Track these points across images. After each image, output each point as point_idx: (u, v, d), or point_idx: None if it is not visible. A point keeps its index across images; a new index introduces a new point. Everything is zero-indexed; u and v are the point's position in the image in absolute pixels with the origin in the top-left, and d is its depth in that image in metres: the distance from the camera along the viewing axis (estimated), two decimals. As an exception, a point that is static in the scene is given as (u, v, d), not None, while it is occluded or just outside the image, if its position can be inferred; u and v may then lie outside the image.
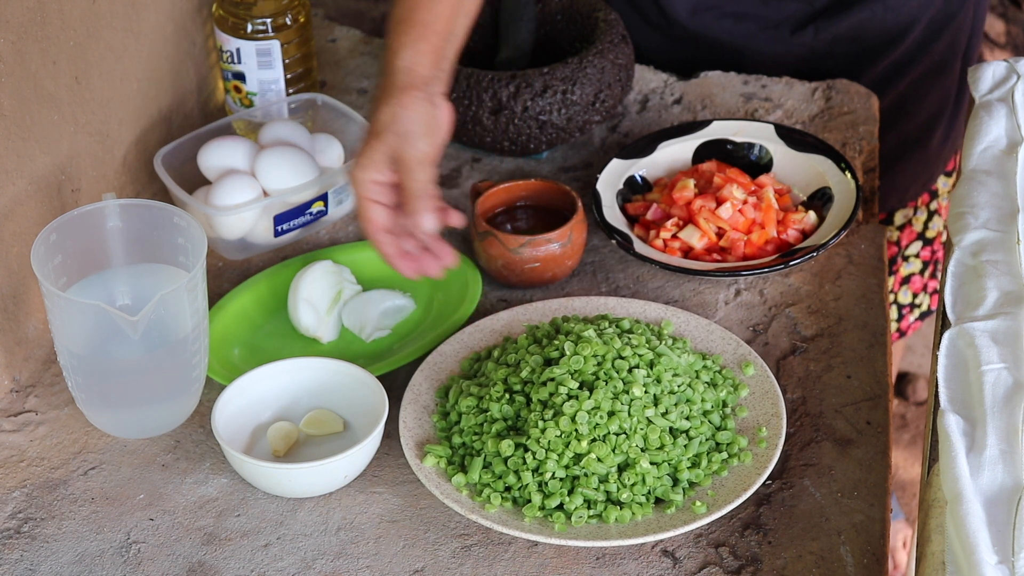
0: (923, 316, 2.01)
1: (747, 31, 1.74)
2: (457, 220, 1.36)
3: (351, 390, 1.34)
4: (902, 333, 2.01)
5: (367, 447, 1.28)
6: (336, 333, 1.47)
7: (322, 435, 1.34)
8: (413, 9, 1.37)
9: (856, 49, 1.75)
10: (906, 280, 1.95)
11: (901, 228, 1.91)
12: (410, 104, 1.33)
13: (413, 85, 1.33)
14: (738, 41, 1.75)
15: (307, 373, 1.35)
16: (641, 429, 1.25)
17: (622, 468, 1.24)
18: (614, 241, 1.49)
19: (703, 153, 1.62)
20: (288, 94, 1.67)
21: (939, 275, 1.86)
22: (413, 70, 1.34)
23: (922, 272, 1.96)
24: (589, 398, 1.25)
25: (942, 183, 1.91)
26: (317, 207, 1.55)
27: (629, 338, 1.32)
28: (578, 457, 1.24)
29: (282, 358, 1.36)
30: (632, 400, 1.26)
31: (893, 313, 1.97)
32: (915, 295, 1.97)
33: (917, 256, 1.94)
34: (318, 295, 1.45)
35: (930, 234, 1.93)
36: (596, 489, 1.23)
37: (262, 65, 1.64)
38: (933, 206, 1.91)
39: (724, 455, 1.27)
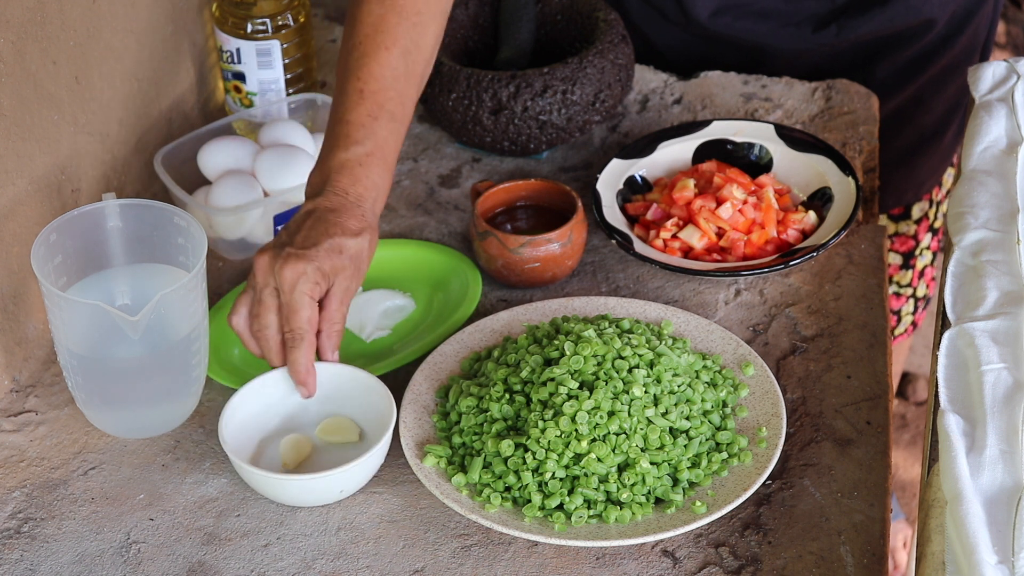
0: (927, 305, 2.01)
1: (768, 29, 1.74)
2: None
3: (361, 397, 1.32)
4: (915, 325, 2.01)
5: (368, 460, 1.26)
6: (336, 333, 1.46)
7: (338, 443, 1.32)
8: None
9: (877, 46, 1.75)
10: (922, 273, 1.95)
11: (918, 222, 1.90)
12: (374, 243, 1.33)
13: (375, 223, 1.34)
14: (759, 39, 1.74)
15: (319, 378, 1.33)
16: (641, 429, 1.25)
17: (622, 468, 1.24)
18: (614, 241, 1.49)
19: (703, 153, 1.62)
20: (288, 94, 1.67)
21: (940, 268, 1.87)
22: (380, 204, 1.35)
23: (932, 263, 1.96)
24: (589, 398, 1.24)
25: (947, 174, 1.91)
26: (317, 207, 1.55)
27: (629, 338, 1.32)
28: (578, 457, 1.24)
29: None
30: (632, 400, 1.26)
31: (910, 307, 1.97)
32: (927, 286, 1.97)
33: (928, 248, 1.94)
34: (318, 295, 1.45)
35: (937, 224, 1.93)
36: (596, 489, 1.23)
37: (262, 65, 1.64)
38: (938, 196, 1.91)
39: (724, 455, 1.27)
